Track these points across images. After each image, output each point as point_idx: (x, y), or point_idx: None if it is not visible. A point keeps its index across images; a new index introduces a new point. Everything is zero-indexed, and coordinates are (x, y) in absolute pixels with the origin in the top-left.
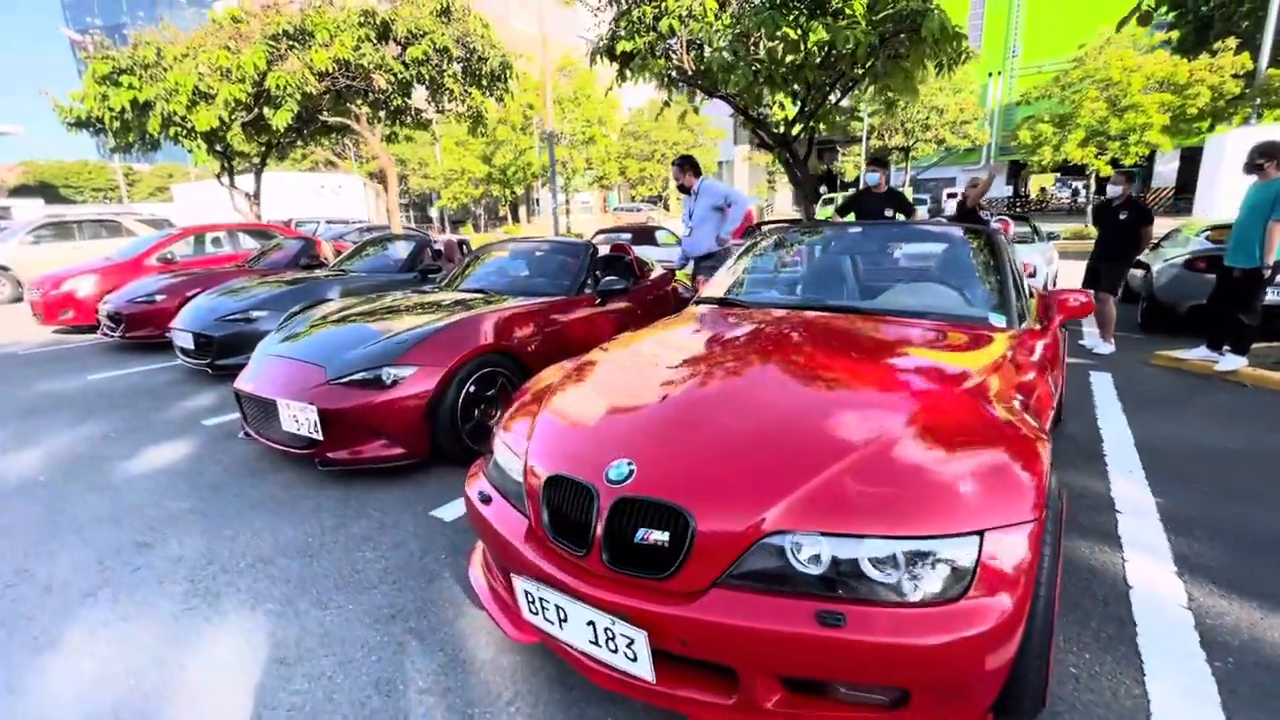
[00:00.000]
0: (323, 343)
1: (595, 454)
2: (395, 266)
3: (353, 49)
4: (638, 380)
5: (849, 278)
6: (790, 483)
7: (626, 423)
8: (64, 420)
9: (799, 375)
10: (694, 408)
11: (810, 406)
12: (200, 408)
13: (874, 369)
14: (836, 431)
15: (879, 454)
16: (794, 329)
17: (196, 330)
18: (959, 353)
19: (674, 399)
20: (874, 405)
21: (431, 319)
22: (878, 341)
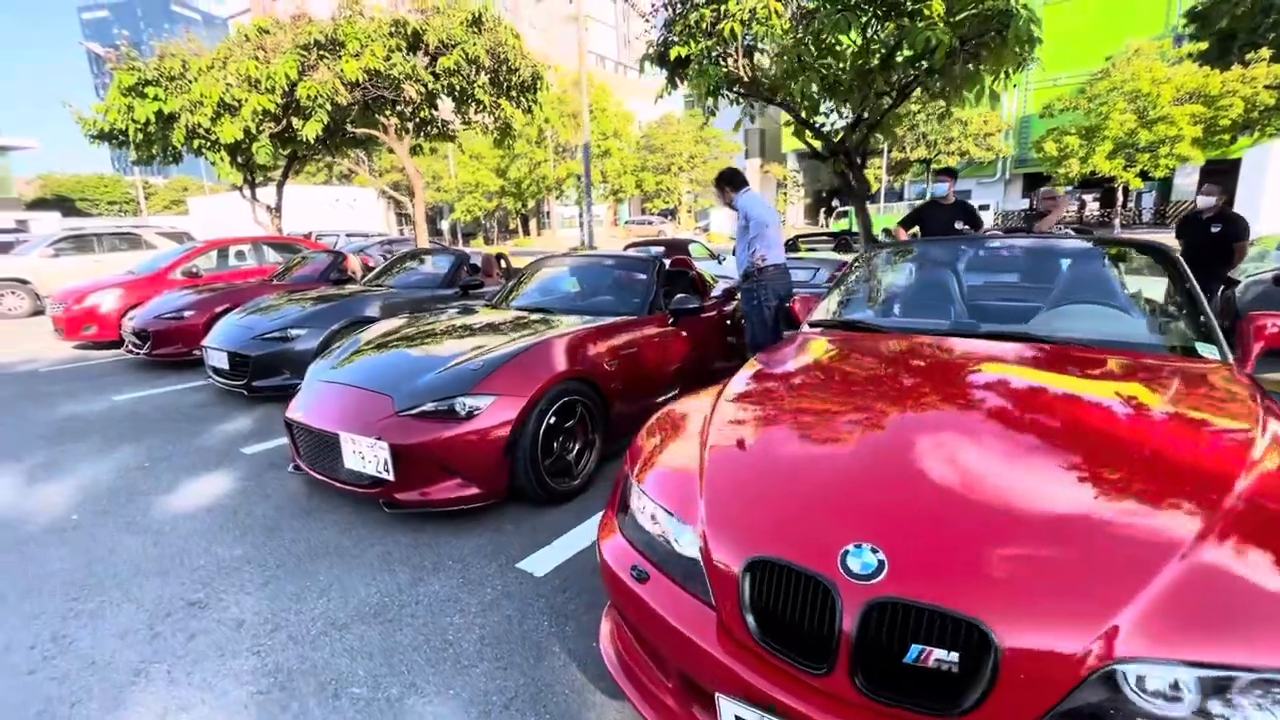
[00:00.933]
0: (384, 368)
1: (820, 533)
2: (435, 282)
3: (383, 59)
4: (829, 428)
5: (1005, 299)
6: (1127, 589)
7: (848, 489)
8: (93, 447)
9: (1056, 432)
10: (938, 474)
11: (1099, 478)
12: (238, 433)
13: (1138, 422)
14: (1155, 517)
15: (1222, 547)
16: (994, 365)
17: (232, 349)
18: (1213, 400)
19: (906, 460)
20: (1182, 476)
21: (503, 341)
22: (1108, 383)
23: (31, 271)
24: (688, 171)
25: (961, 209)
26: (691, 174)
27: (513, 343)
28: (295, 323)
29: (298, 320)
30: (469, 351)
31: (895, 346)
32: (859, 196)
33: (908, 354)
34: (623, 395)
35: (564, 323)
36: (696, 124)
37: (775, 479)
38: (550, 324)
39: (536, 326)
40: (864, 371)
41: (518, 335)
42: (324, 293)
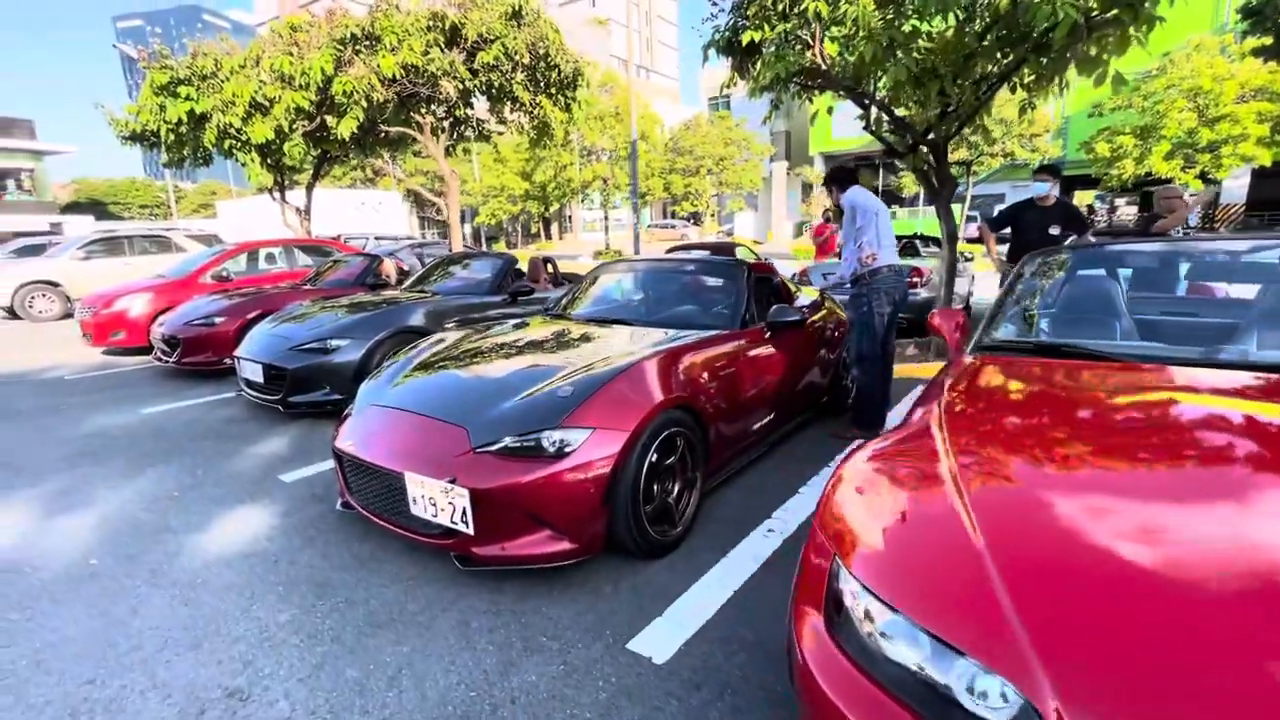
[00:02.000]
0: (453, 392)
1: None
2: (482, 288)
3: (421, 53)
4: (1162, 524)
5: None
6: None
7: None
8: (117, 470)
9: None
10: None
11: None
12: (274, 455)
13: None
14: None
15: None
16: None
17: (267, 361)
18: None
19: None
20: None
21: (589, 361)
22: None
23: (62, 274)
24: (716, 173)
25: (1063, 211)
26: (720, 175)
27: (604, 363)
28: (335, 332)
29: (338, 330)
30: (551, 373)
31: (1151, 381)
32: (943, 197)
33: (1179, 394)
34: (721, 424)
35: (649, 339)
36: (726, 126)
37: (1145, 613)
38: (633, 340)
39: (618, 343)
40: (1147, 422)
41: (604, 354)
42: (362, 299)
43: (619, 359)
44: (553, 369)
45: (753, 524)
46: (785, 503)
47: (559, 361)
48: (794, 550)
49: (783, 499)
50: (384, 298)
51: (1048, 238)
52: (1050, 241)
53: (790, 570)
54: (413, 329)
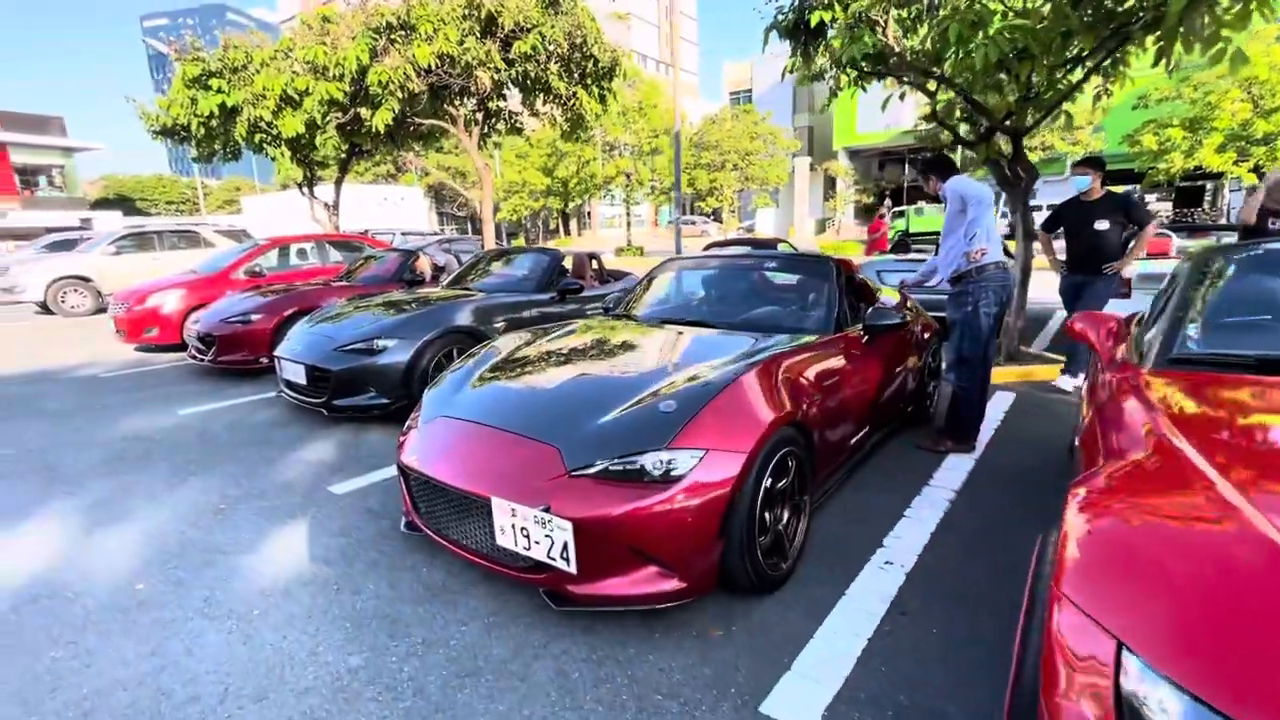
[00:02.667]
0: (537, 404)
1: None
2: (529, 285)
3: (456, 43)
4: None
5: None
6: None
7: None
8: (158, 478)
9: None
10: None
11: None
12: (320, 463)
13: None
14: None
15: None
16: None
17: (311, 362)
18: None
19: None
20: None
21: (682, 368)
22: None
23: (93, 269)
24: (742, 169)
25: (1112, 204)
26: (746, 171)
27: (702, 373)
28: (381, 332)
29: (384, 329)
30: (643, 384)
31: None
32: (1020, 189)
33: None
34: (825, 440)
35: (738, 345)
36: (751, 120)
37: None
38: (721, 346)
39: (706, 350)
40: None
41: (696, 362)
42: (404, 297)
43: (718, 368)
44: (644, 379)
45: (863, 554)
46: (893, 529)
47: (647, 369)
48: (923, 588)
49: (889, 524)
50: (427, 295)
51: (1096, 234)
52: (1098, 238)
53: (930, 615)
54: (461, 329)
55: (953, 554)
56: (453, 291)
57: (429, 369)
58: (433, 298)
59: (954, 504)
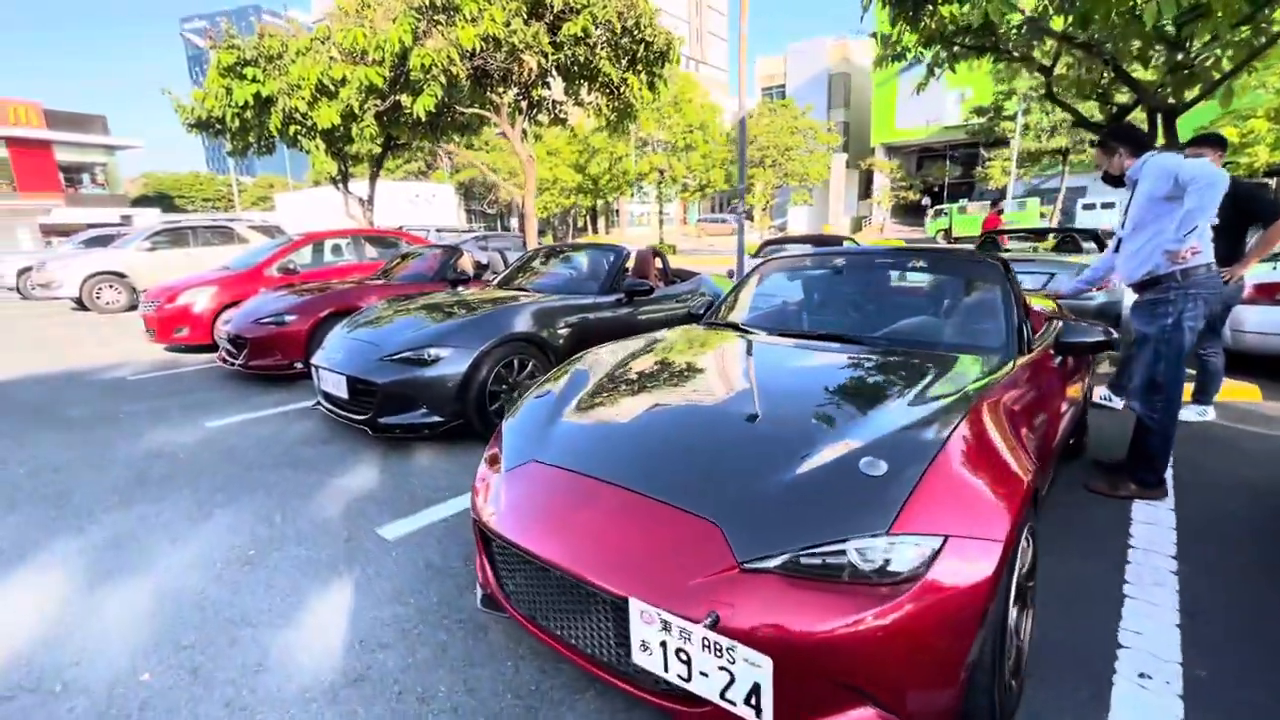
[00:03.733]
0: (671, 453)
1: None
2: (591, 285)
3: (503, 25)
4: None
5: None
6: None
7: None
8: (180, 511)
9: None
10: None
11: None
12: (365, 495)
13: None
14: None
15: None
16: None
17: (354, 373)
18: None
19: None
20: None
21: (864, 404)
22: None
23: (128, 265)
24: (781, 164)
25: (1237, 194)
26: (785, 167)
27: (906, 410)
28: (433, 339)
29: (436, 336)
30: (824, 430)
31: None
32: None
33: None
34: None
35: (922, 375)
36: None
37: None
38: (883, 370)
39: (870, 376)
40: None
41: (876, 396)
42: (452, 298)
43: (915, 407)
44: (813, 418)
45: (1103, 661)
46: (1122, 617)
47: (809, 404)
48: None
49: (1112, 609)
50: (478, 297)
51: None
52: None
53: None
54: (521, 336)
55: (1226, 660)
56: (506, 293)
57: (487, 382)
58: (485, 300)
59: (1182, 576)
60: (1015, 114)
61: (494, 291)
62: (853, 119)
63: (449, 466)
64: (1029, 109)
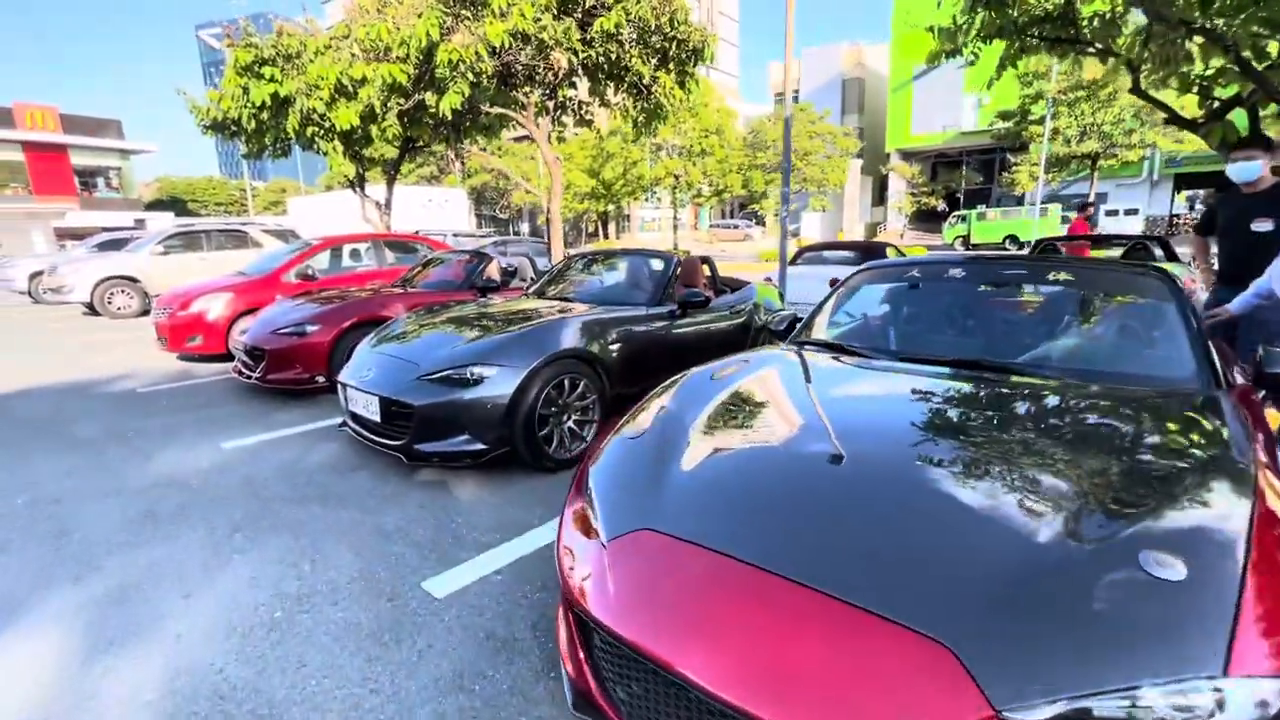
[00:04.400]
0: (851, 533)
1: None
2: (641, 296)
3: (533, 20)
4: None
5: None
6: None
7: None
8: (193, 555)
9: None
10: None
11: None
12: (405, 537)
13: None
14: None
15: None
16: None
17: (388, 394)
18: None
19: None
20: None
21: (1097, 471)
22: None
23: (140, 270)
24: (800, 169)
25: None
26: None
27: (1158, 472)
28: (477, 357)
29: (480, 353)
30: (1050, 491)
31: None
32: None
33: None
34: None
35: (1104, 410)
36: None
37: None
38: (1089, 410)
39: (1079, 422)
40: None
41: (1107, 446)
42: (488, 309)
43: (1167, 468)
44: (1043, 485)
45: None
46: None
47: (1029, 463)
48: None
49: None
50: (520, 308)
51: (1252, 236)
52: (1255, 240)
53: None
54: (573, 353)
55: None
56: (548, 304)
57: (536, 405)
58: (528, 311)
59: None
60: (1043, 118)
61: (532, 301)
62: (866, 124)
63: (495, 500)
64: (1057, 113)
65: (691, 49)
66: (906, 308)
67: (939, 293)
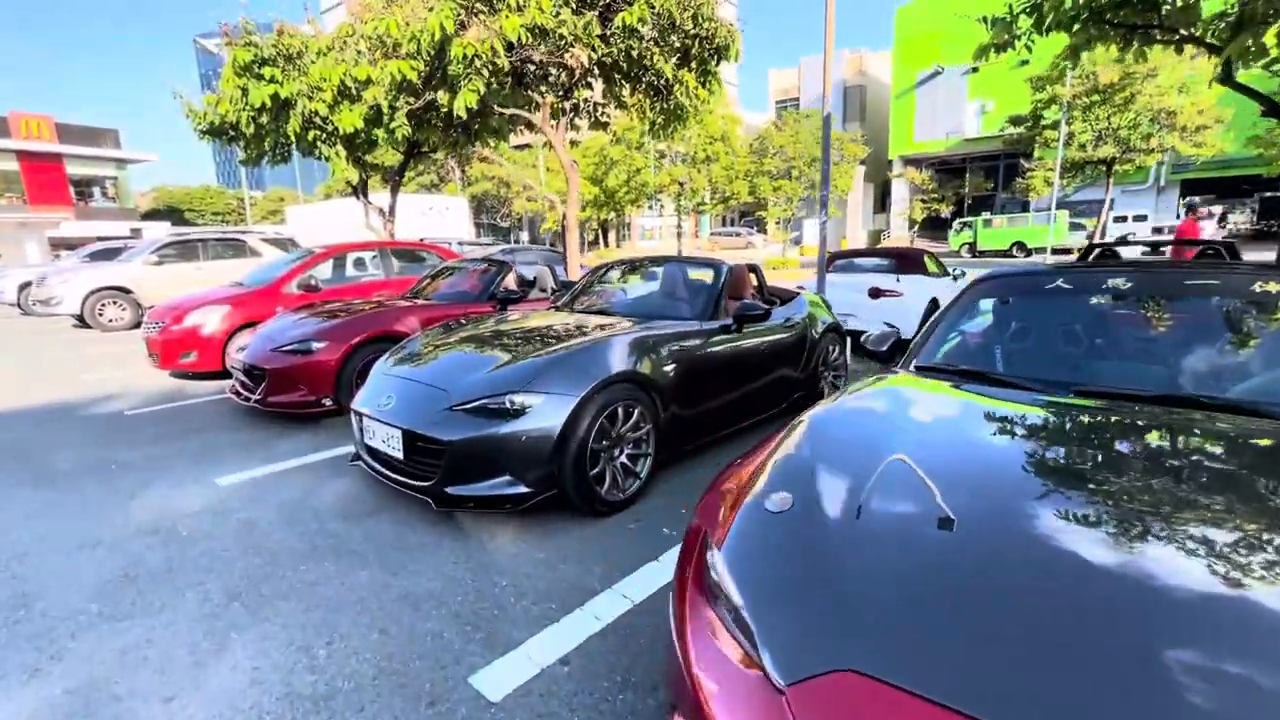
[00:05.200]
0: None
1: None
2: (692, 309)
3: (552, 14)
4: None
5: None
6: None
7: None
8: (181, 638)
9: None
10: None
11: None
12: (441, 607)
13: None
14: None
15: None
16: None
17: (413, 427)
18: None
19: None
20: None
21: None
22: None
23: (133, 280)
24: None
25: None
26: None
27: None
28: (519, 382)
29: (523, 378)
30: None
31: None
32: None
33: None
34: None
35: None
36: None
37: None
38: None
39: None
40: None
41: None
42: (520, 323)
43: None
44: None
45: None
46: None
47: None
48: None
49: None
50: (553, 324)
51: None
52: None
53: None
54: (628, 376)
55: None
56: (585, 318)
57: (589, 439)
58: (566, 328)
59: None
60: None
61: (566, 316)
62: (868, 132)
63: (541, 555)
64: (1071, 118)
65: (715, 47)
66: (1055, 328)
67: (1096, 310)
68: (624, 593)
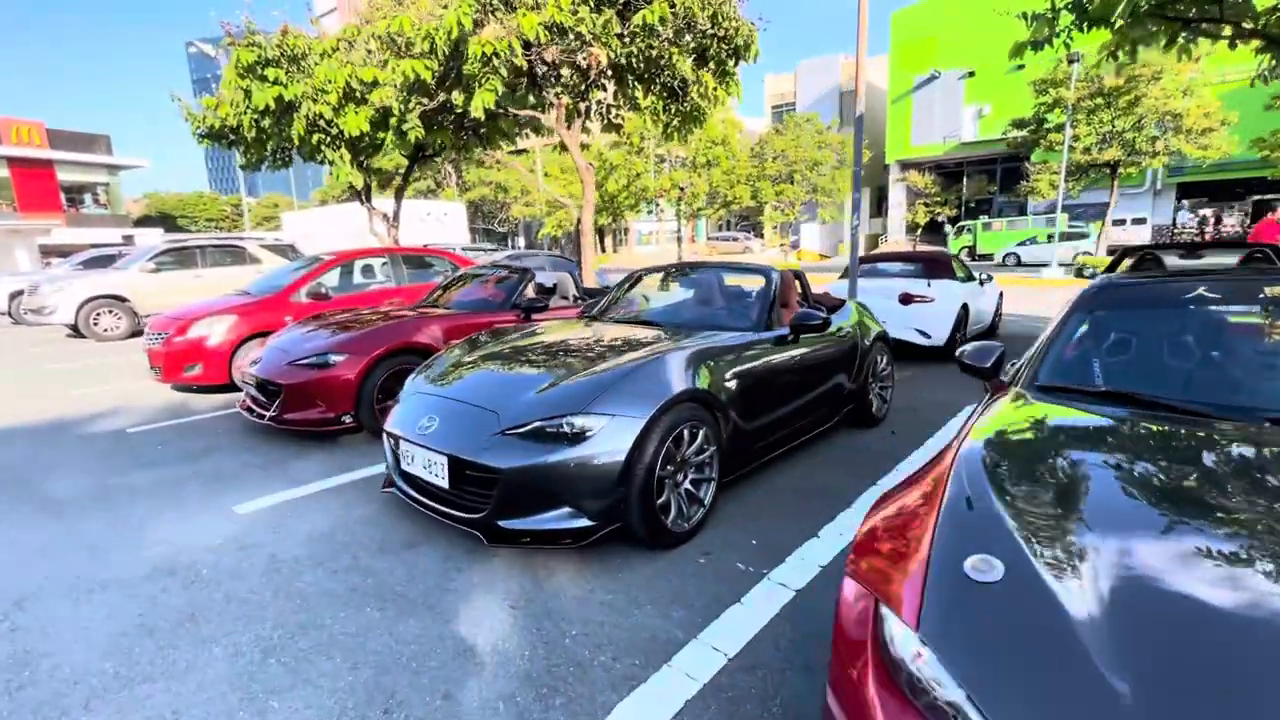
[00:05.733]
0: None
1: None
2: (743, 319)
3: (570, 11)
4: None
5: None
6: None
7: None
8: (210, 697)
9: None
10: None
11: None
12: (503, 665)
13: None
14: None
15: None
16: None
17: (460, 454)
18: None
19: None
20: None
21: None
22: None
23: (129, 288)
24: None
25: None
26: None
27: None
28: (578, 403)
29: (581, 398)
30: None
31: None
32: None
33: None
34: None
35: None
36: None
37: None
38: None
39: None
40: None
41: None
42: (561, 335)
43: None
44: None
45: None
46: None
47: None
48: None
49: None
50: (599, 337)
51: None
52: None
53: None
54: (694, 395)
55: None
56: (629, 330)
57: (656, 465)
58: (616, 342)
59: None
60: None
61: (608, 327)
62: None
63: (609, 596)
64: (1075, 121)
65: (734, 47)
66: (1178, 343)
67: (1241, 321)
68: (713, 644)
